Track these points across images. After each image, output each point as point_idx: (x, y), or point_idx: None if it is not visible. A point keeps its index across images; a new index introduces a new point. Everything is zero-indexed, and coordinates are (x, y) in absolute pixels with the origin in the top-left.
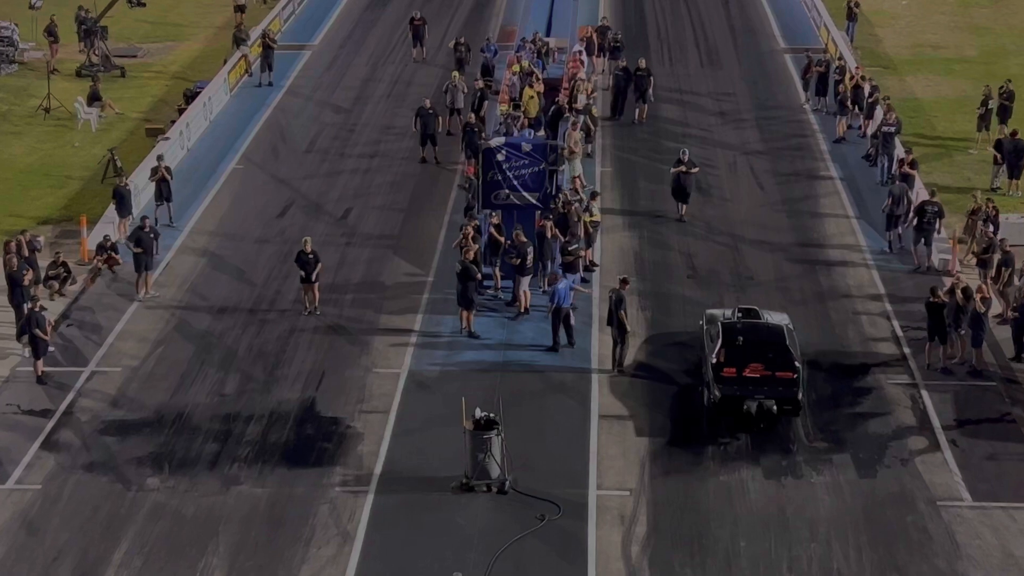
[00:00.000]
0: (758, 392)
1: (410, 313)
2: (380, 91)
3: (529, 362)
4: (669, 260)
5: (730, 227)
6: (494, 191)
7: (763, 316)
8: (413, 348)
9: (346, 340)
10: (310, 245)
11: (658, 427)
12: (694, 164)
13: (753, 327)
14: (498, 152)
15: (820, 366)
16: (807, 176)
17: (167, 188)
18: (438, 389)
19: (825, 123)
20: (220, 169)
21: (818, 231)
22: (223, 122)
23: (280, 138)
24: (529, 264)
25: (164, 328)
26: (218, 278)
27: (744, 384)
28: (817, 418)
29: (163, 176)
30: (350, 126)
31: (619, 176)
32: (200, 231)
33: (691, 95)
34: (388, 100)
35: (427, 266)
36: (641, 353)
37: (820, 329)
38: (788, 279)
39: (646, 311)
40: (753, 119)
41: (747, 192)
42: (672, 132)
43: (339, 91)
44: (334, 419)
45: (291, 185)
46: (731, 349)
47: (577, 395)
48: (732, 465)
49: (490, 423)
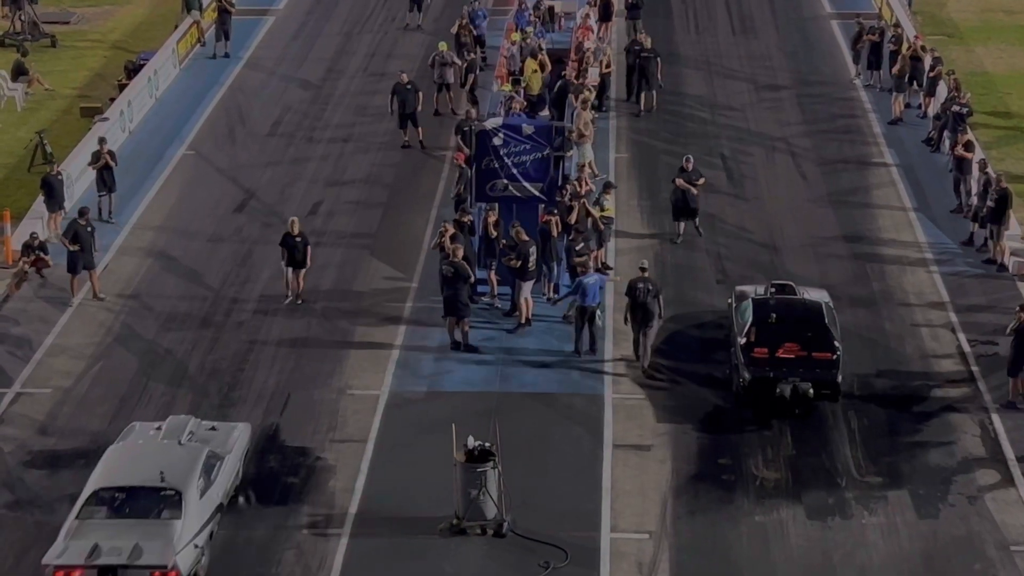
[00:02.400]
0: (792, 374)
1: (391, 325)
2: (355, 64)
3: (531, 382)
4: (695, 263)
5: (767, 224)
6: (490, 181)
7: (799, 292)
8: (394, 366)
9: (315, 356)
10: (298, 226)
11: (682, 458)
12: (700, 174)
13: (788, 304)
14: (494, 135)
15: (872, 386)
16: (857, 164)
17: (111, 176)
18: (424, 414)
19: (879, 101)
20: (167, 155)
21: (870, 227)
22: (171, 100)
23: (238, 119)
24: (531, 267)
25: (102, 342)
26: (165, 283)
27: (777, 366)
28: (869, 448)
29: (107, 163)
30: (320, 105)
31: (636, 164)
32: (144, 228)
33: (721, 69)
34: (365, 75)
35: (410, 270)
36: (664, 373)
37: (873, 343)
38: (835, 284)
39: (668, 322)
40: (794, 97)
41: (787, 183)
42: (698, 113)
43: (307, 64)
44: (301, 449)
45: (250, 175)
46: (763, 327)
47: (587, 421)
48: (769, 503)
49: (485, 454)
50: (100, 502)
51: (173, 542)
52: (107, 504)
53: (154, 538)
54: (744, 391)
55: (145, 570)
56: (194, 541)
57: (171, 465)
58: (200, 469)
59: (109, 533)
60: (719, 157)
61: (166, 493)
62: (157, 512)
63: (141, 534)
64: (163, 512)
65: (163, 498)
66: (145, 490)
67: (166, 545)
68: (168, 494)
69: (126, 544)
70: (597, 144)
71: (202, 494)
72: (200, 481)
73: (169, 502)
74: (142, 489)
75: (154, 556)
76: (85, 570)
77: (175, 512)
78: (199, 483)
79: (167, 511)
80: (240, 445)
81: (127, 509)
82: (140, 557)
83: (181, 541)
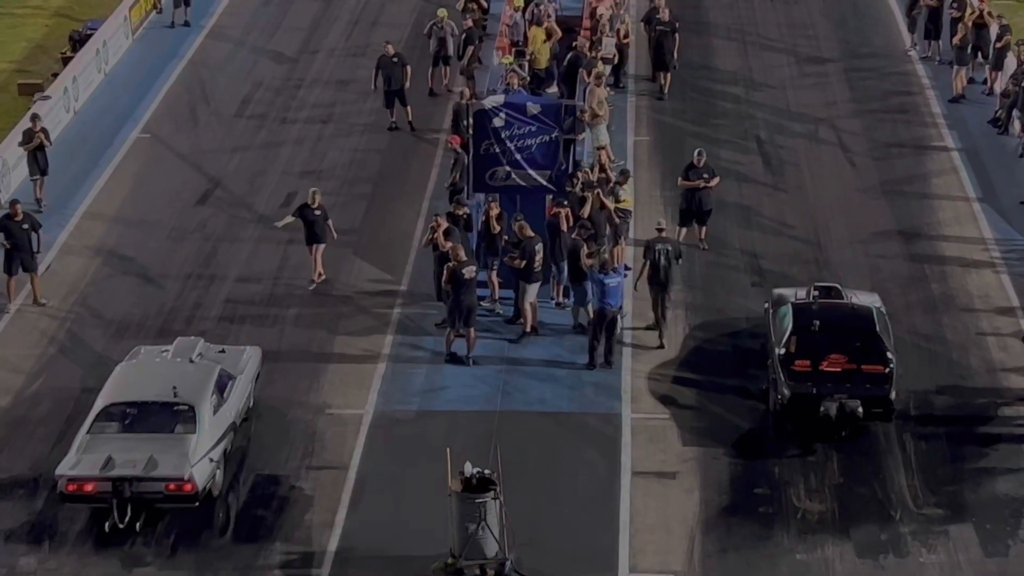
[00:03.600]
0: (839, 390)
1: (376, 334)
2: (336, 33)
3: (538, 399)
4: (727, 262)
5: (810, 217)
6: (490, 169)
7: (846, 296)
8: (380, 381)
9: (289, 370)
10: (318, 198)
11: (712, 487)
12: (713, 172)
13: (834, 309)
14: (494, 115)
15: (931, 404)
16: (914, 148)
17: (44, 157)
18: (414, 436)
19: (938, 76)
20: (119, 139)
21: (929, 221)
22: (123, 76)
23: (200, 98)
24: (537, 267)
25: (43, 354)
26: (117, 286)
27: (821, 380)
28: (928, 475)
29: (41, 142)
30: (295, 81)
31: (659, 148)
32: (92, 223)
33: (757, 39)
34: (346, 46)
35: (399, 270)
36: (691, 389)
37: (931, 354)
38: (888, 286)
39: (696, 331)
40: (841, 71)
41: (833, 170)
42: (730, 90)
43: (280, 34)
44: (272, 478)
45: (215, 161)
46: (805, 337)
47: (603, 444)
48: (813, 538)
49: (485, 483)
50: (111, 418)
51: (188, 455)
52: (118, 419)
53: (169, 451)
54: (783, 409)
55: (160, 482)
56: (209, 455)
57: (184, 381)
58: (213, 385)
59: (122, 447)
60: (754, 141)
61: (179, 408)
62: (171, 427)
63: (155, 447)
64: (177, 427)
65: (177, 413)
66: (158, 405)
67: (181, 457)
68: (182, 409)
69: (140, 456)
70: (613, 126)
71: (215, 410)
72: (213, 397)
73: (183, 417)
74: (155, 404)
75: (169, 468)
76: (99, 482)
77: (189, 427)
78: (212, 399)
79: (181, 426)
80: (252, 367)
81: (139, 424)
82: (155, 469)
83: (196, 454)
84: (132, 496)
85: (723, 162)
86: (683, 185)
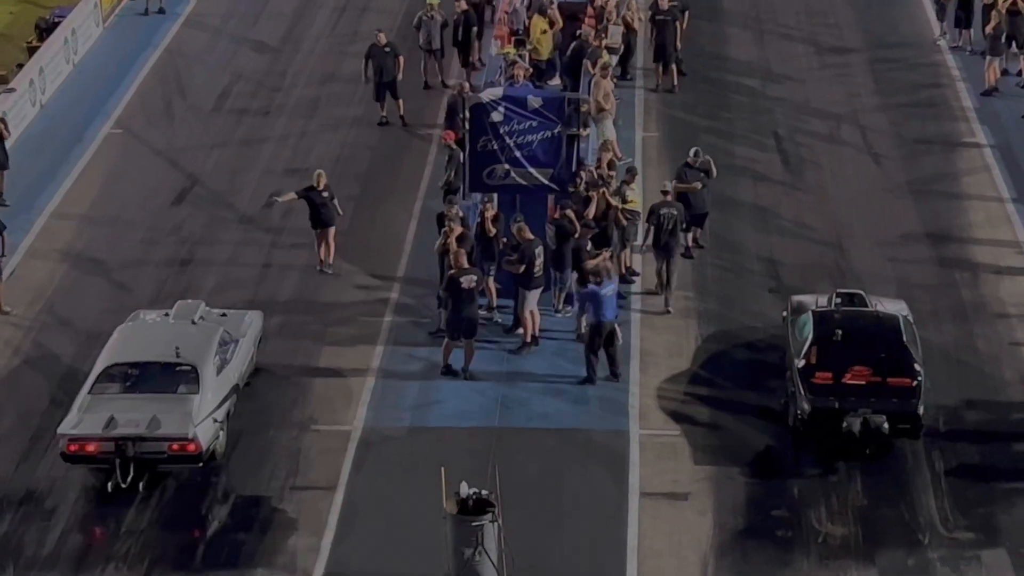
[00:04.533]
0: (863, 405)
1: (366, 344)
2: (322, 21)
3: (539, 414)
4: (741, 266)
5: (831, 219)
6: (488, 167)
7: (871, 303)
8: (369, 395)
9: (272, 384)
10: (324, 180)
11: (727, 509)
12: (709, 171)
13: (857, 318)
14: (493, 109)
15: (962, 420)
16: (943, 144)
17: (2, 150)
18: (406, 455)
19: (969, 67)
20: (89, 135)
21: (959, 223)
22: (93, 67)
23: (176, 90)
24: (537, 272)
25: (7, 365)
26: (86, 292)
27: (844, 394)
28: (958, 496)
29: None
30: (278, 73)
31: (669, 145)
32: (60, 224)
33: (775, 27)
34: (334, 36)
35: (390, 276)
36: (704, 403)
37: (963, 366)
38: (916, 293)
39: (709, 341)
40: (865, 62)
41: (856, 168)
42: (745, 82)
43: (262, 22)
44: (254, 499)
45: (192, 158)
46: (826, 347)
47: (609, 462)
48: (835, 564)
49: (482, 504)
50: (112, 378)
51: (192, 414)
52: (120, 380)
53: (172, 411)
54: (804, 425)
55: (164, 442)
56: (213, 415)
57: (186, 341)
58: (216, 346)
59: (125, 406)
60: (772, 137)
61: (182, 368)
62: (174, 387)
63: (158, 407)
64: (179, 387)
65: (179, 373)
66: (160, 365)
67: (185, 416)
68: (184, 369)
69: (143, 416)
70: (620, 121)
71: (218, 371)
72: (216, 358)
73: (186, 377)
74: (157, 364)
75: (173, 427)
76: (101, 442)
77: (192, 387)
78: (215, 360)
79: (184, 386)
80: (254, 330)
81: (142, 384)
82: (159, 428)
83: (200, 414)
84: (135, 456)
85: (738, 160)
86: (678, 189)
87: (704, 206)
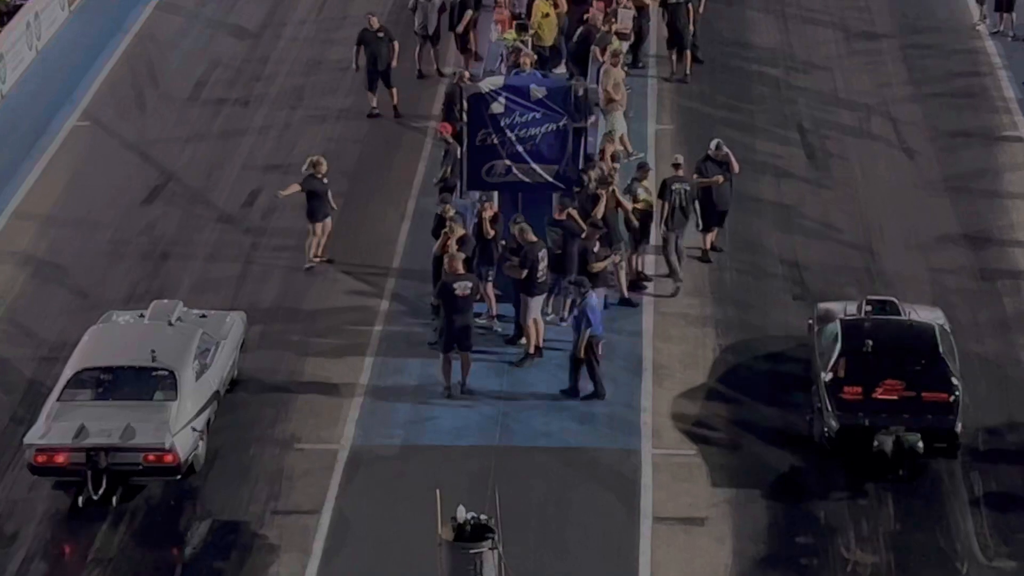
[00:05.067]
0: (896, 422)
1: (353, 355)
2: (306, 5)
3: (542, 432)
4: (763, 270)
5: (861, 219)
6: (487, 162)
7: (904, 311)
8: (358, 411)
9: (252, 399)
10: (325, 166)
11: (747, 535)
12: (729, 165)
13: (889, 327)
14: (493, 100)
15: (1003, 440)
16: (983, 138)
17: None
18: (398, 476)
19: (1011, 54)
20: (53, 127)
21: (1000, 224)
22: (58, 53)
23: (148, 79)
24: (540, 277)
25: None
26: (50, 298)
27: (875, 410)
28: (998, 521)
29: None
30: (259, 60)
31: (684, 139)
32: (21, 224)
33: (799, 11)
34: (319, 20)
35: (380, 283)
36: (722, 421)
37: (1004, 381)
38: (952, 300)
39: (728, 352)
40: (897, 49)
41: (887, 164)
42: (768, 71)
43: (241, 5)
44: (233, 523)
45: (166, 152)
46: (856, 359)
47: (619, 485)
48: None
49: (480, 530)
50: (83, 384)
51: (169, 423)
52: (92, 386)
53: (147, 419)
54: (831, 443)
55: (139, 452)
56: (191, 424)
57: (163, 344)
58: (195, 350)
59: (96, 414)
60: (796, 130)
61: (159, 373)
62: (149, 393)
63: (132, 415)
64: (156, 394)
65: (155, 379)
66: (135, 370)
67: (161, 425)
68: (161, 374)
69: (116, 425)
70: (631, 112)
71: (198, 376)
72: (195, 362)
73: (163, 383)
74: (131, 369)
75: (148, 436)
76: (71, 452)
77: (169, 394)
78: (194, 364)
79: (160, 392)
80: (236, 332)
81: (115, 391)
82: (133, 438)
83: (178, 423)
84: (108, 468)
85: (759, 155)
86: (700, 183)
87: (726, 203)
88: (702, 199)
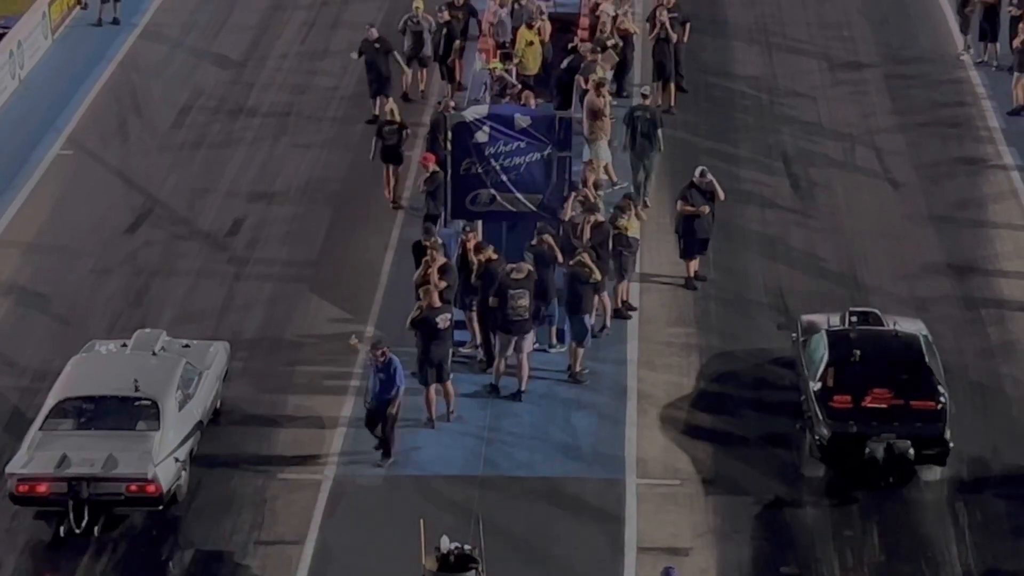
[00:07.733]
0: (886, 429)
1: (337, 385)
2: (290, 34)
3: (526, 462)
4: (747, 299)
5: (844, 249)
6: (472, 191)
7: (887, 322)
8: (341, 440)
9: (234, 428)
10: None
11: (732, 565)
12: (714, 193)
13: (875, 337)
14: (477, 129)
15: (988, 469)
16: (967, 167)
17: None
18: (381, 507)
19: (995, 84)
20: (36, 156)
21: (984, 254)
22: (42, 81)
23: (131, 107)
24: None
25: None
26: (31, 329)
27: (865, 418)
28: (983, 551)
29: None
30: (242, 88)
31: (668, 168)
32: (4, 253)
33: (783, 40)
34: (302, 51)
35: (364, 310)
36: (707, 452)
37: (989, 411)
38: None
39: (713, 382)
40: (881, 79)
41: (872, 194)
42: (752, 100)
43: (224, 35)
44: (216, 555)
45: (149, 181)
46: (844, 369)
47: (603, 515)
48: None
49: (464, 560)
50: (65, 414)
51: (151, 453)
52: (74, 415)
53: (130, 449)
54: (823, 452)
55: (121, 482)
56: (174, 454)
57: (146, 374)
58: (178, 380)
59: (78, 444)
60: (780, 159)
61: (142, 403)
62: (132, 423)
63: (115, 445)
64: (138, 423)
65: (138, 408)
66: (118, 399)
67: (144, 455)
68: (144, 404)
69: (99, 455)
70: (616, 142)
71: (181, 406)
72: (178, 392)
73: (145, 413)
74: (114, 398)
75: (131, 466)
76: (53, 482)
77: (152, 423)
78: (177, 394)
79: (143, 422)
80: (219, 363)
81: (97, 420)
82: (116, 467)
83: (160, 453)
84: (90, 498)
85: (744, 184)
86: (684, 211)
87: (707, 231)
88: (684, 227)
